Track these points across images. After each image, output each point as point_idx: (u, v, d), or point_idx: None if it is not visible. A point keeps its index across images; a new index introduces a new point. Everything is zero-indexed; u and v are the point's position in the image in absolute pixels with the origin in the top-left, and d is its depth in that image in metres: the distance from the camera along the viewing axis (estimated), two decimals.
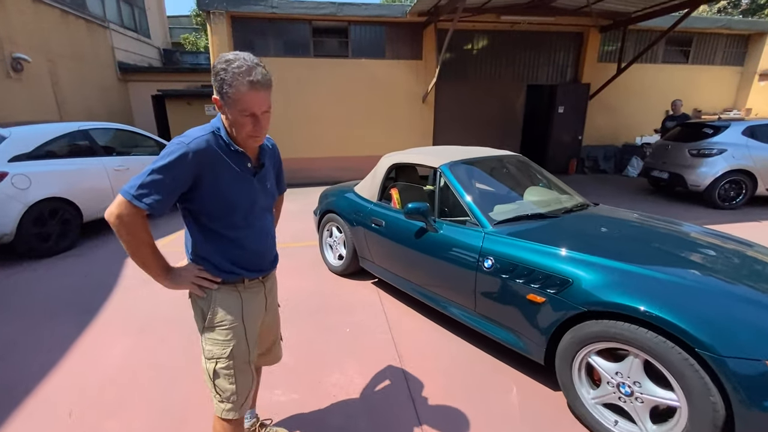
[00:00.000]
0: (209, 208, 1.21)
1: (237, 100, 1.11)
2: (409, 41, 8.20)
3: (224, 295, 1.29)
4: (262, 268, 1.39)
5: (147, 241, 1.17)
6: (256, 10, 7.37)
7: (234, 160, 1.22)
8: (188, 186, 1.15)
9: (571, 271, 1.88)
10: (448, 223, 2.54)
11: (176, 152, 1.10)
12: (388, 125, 8.55)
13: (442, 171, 2.69)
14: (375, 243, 3.12)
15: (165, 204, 1.13)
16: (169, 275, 1.23)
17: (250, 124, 1.16)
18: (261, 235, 1.35)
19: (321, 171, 8.51)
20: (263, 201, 1.34)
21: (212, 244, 1.26)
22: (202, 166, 1.14)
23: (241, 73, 1.08)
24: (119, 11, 10.43)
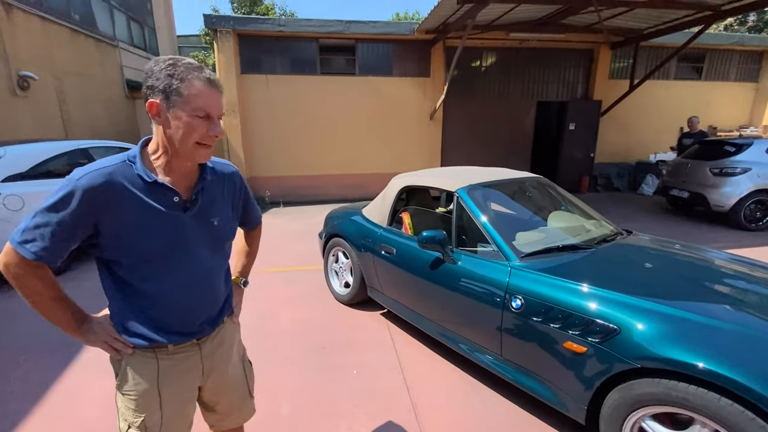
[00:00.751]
0: (116, 255, 0.98)
1: (190, 97, 0.94)
2: (417, 58, 8.12)
3: (137, 362, 1.07)
4: (193, 330, 1.11)
5: (44, 293, 0.99)
6: (264, 28, 7.34)
7: (151, 195, 0.98)
8: (87, 231, 0.94)
9: (619, 317, 1.60)
10: (468, 254, 2.28)
11: (62, 191, 0.91)
12: (395, 143, 8.39)
13: (460, 195, 2.45)
14: (385, 272, 2.86)
15: (55, 253, 0.93)
16: (81, 330, 1.04)
17: (204, 128, 0.97)
18: (193, 289, 1.08)
19: (326, 189, 8.33)
20: (202, 242, 1.08)
21: (125, 300, 1.03)
22: (98, 206, 0.92)
23: (194, 69, 0.96)
24: (129, 30, 10.54)
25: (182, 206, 1.03)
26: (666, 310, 1.59)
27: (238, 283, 1.42)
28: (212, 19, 7.06)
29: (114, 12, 9.83)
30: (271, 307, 3.37)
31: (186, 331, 1.10)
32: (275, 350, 2.70)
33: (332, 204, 8.09)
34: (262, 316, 3.21)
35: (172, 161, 1.01)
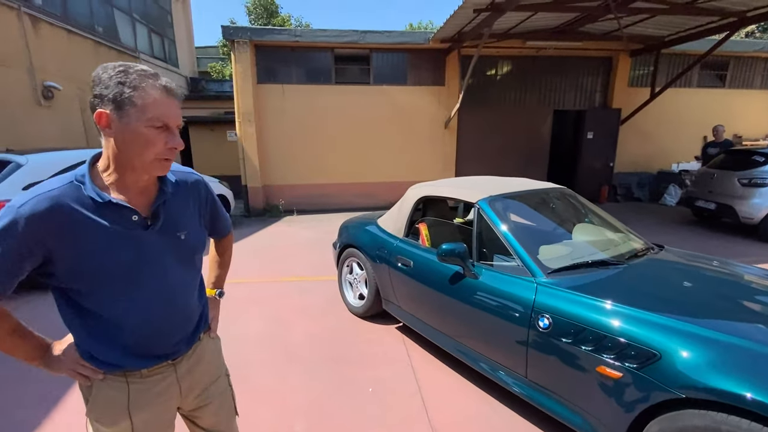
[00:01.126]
0: (74, 282, 0.89)
1: (145, 107, 0.86)
2: (432, 67, 8.09)
3: (106, 387, 0.98)
4: (168, 351, 1.03)
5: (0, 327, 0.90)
6: (280, 39, 7.43)
7: (106, 216, 0.88)
8: (36, 261, 0.85)
9: (660, 340, 1.48)
10: (490, 269, 2.18)
11: (2, 219, 0.81)
12: (409, 152, 8.35)
13: (481, 207, 2.36)
14: (401, 285, 2.77)
15: (2, 286, 0.83)
16: (43, 360, 0.96)
17: (163, 141, 0.89)
18: (162, 308, 0.99)
19: (339, 197, 8.31)
20: (169, 259, 0.99)
21: (89, 329, 0.94)
22: (45, 234, 0.83)
23: (149, 76, 0.87)
24: (150, 42, 10.84)
25: (143, 224, 0.94)
26: (711, 334, 1.46)
27: (213, 296, 1.33)
28: (230, 31, 7.18)
29: (136, 24, 10.12)
30: (284, 317, 3.31)
31: (159, 354, 1.02)
32: (289, 363, 2.63)
33: (345, 212, 8.09)
34: (276, 326, 3.15)
35: (126, 177, 0.92)
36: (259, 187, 7.84)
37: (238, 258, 5.07)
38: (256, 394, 2.28)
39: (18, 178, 3.74)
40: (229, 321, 3.16)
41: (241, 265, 4.75)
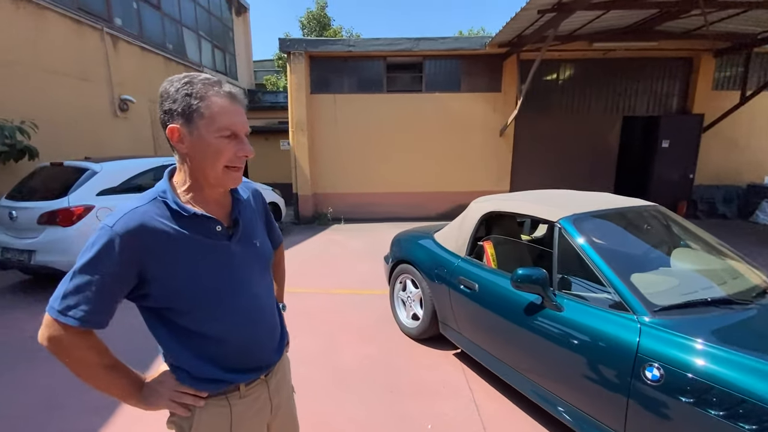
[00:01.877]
0: (171, 302, 0.87)
1: (213, 117, 0.85)
2: (488, 73, 7.76)
3: (209, 414, 0.95)
4: (262, 363, 1.04)
5: (95, 362, 0.87)
6: (334, 49, 7.51)
7: (192, 229, 0.88)
8: (131, 283, 0.83)
9: None
10: (576, 300, 1.87)
11: (99, 242, 0.80)
12: (461, 161, 8.04)
13: (564, 227, 2.05)
14: (463, 309, 2.51)
15: (100, 314, 0.82)
16: (140, 395, 0.92)
17: (232, 149, 0.87)
18: (255, 317, 1.00)
19: (388, 207, 8.17)
20: (253, 268, 1.00)
21: (187, 347, 0.92)
22: (140, 251, 0.82)
23: (213, 84, 0.87)
24: (213, 57, 11.53)
25: (226, 235, 0.94)
26: None
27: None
28: (286, 43, 7.38)
29: (201, 41, 10.81)
30: (334, 334, 3.17)
31: (255, 366, 1.02)
32: (339, 388, 2.46)
33: (393, 222, 7.93)
34: (326, 344, 3.01)
35: (204, 189, 0.92)
36: (309, 195, 7.92)
37: (291, 266, 5.09)
38: (304, 422, 2.12)
39: (93, 184, 3.98)
40: None
41: (290, 274, 4.70)
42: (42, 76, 5.81)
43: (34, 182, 4.24)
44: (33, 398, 2.35)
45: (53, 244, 3.74)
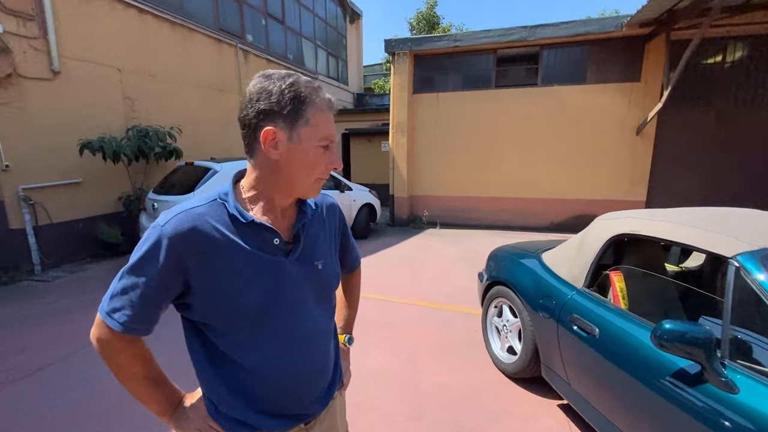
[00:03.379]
0: (209, 317, 0.78)
1: (317, 125, 0.77)
2: (623, 60, 6.50)
3: None
4: (301, 411, 0.88)
5: (136, 372, 0.81)
6: (439, 46, 7.20)
7: (247, 238, 0.78)
8: (178, 287, 0.75)
9: None
10: (761, 379, 1.22)
11: (147, 242, 0.74)
12: (584, 163, 6.92)
13: (746, 267, 1.39)
14: (575, 355, 1.96)
15: (143, 321, 0.76)
16: (173, 416, 0.85)
17: (326, 160, 0.81)
18: (300, 353, 0.85)
19: (490, 213, 7.52)
20: (308, 294, 0.86)
21: (219, 377, 0.82)
22: (187, 255, 0.74)
23: (316, 89, 0.78)
24: (327, 64, 12.33)
25: (284, 250, 0.83)
26: None
27: (342, 342, 1.13)
28: (392, 43, 7.34)
29: (317, 50, 11.62)
30: (416, 354, 2.88)
31: (292, 413, 0.87)
32: (415, 422, 2.16)
33: (495, 231, 7.26)
34: (405, 366, 2.73)
35: (274, 198, 0.82)
36: (405, 197, 7.78)
37: (377, 269, 5.00)
38: None
39: (213, 183, 4.44)
40: (359, 347, 2.91)
41: (377, 278, 4.59)
42: (188, 88, 6.86)
43: (173, 179, 4.96)
44: None
45: None
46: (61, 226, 5.05)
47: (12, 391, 2.43)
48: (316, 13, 11.37)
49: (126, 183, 5.74)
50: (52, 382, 2.53)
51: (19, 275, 4.62)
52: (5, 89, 4.36)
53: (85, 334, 0.91)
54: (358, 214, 6.52)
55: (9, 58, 4.28)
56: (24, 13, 4.46)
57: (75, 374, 2.60)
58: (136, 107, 5.93)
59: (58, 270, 4.95)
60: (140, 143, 5.32)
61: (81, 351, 2.88)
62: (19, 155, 4.53)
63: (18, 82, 4.46)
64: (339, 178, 6.40)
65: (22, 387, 2.48)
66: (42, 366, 2.71)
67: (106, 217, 5.58)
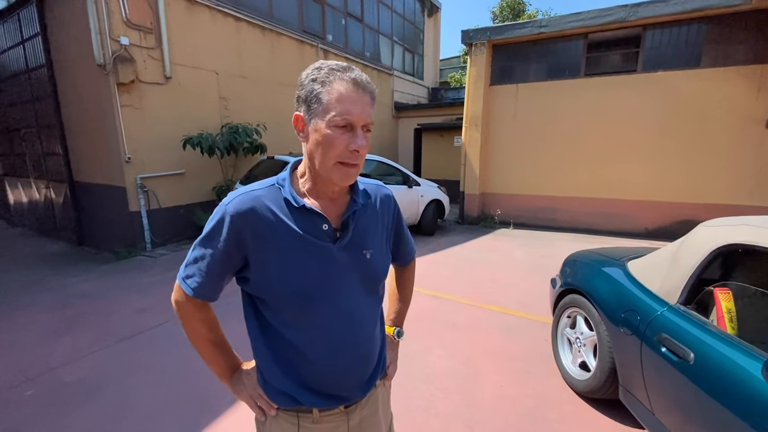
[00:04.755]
0: (262, 291, 0.85)
1: (329, 103, 0.77)
2: (751, 39, 5.41)
3: (279, 425, 0.91)
4: (342, 393, 0.91)
5: (203, 335, 0.93)
6: (521, 33, 6.75)
7: (298, 222, 0.83)
8: (239, 261, 0.84)
9: None
10: None
11: (213, 218, 0.83)
12: (692, 161, 5.95)
13: None
14: (661, 381, 1.69)
15: (211, 287, 0.86)
16: (232, 380, 0.96)
17: (345, 141, 0.78)
18: (343, 338, 0.88)
19: (571, 214, 6.89)
20: (354, 281, 0.88)
21: (269, 349, 0.89)
22: (245, 232, 0.81)
23: (339, 69, 0.79)
24: (403, 59, 12.35)
25: (332, 236, 0.87)
26: None
27: (392, 335, 1.16)
28: (469, 34, 7.07)
29: (394, 46, 11.71)
30: (477, 359, 2.75)
31: (334, 393, 0.90)
32: (470, 430, 2.06)
33: (577, 234, 6.63)
34: (464, 370, 2.62)
35: (318, 184, 0.86)
36: (476, 195, 7.47)
37: (440, 268, 4.88)
38: None
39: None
40: (420, 346, 2.90)
41: (441, 277, 4.48)
42: (274, 87, 7.41)
43: (257, 171, 5.42)
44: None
45: None
46: (167, 211, 5.85)
47: (128, 345, 2.90)
48: (394, 9, 11.44)
49: (219, 174, 6.43)
50: (156, 340, 2.98)
51: (135, 251, 5.47)
52: (130, 93, 5.16)
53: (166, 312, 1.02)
54: (426, 210, 6.44)
55: (133, 67, 5.05)
56: (144, 27, 5.22)
57: (175, 337, 3.01)
58: (229, 106, 6.59)
59: (164, 248, 5.75)
60: (231, 139, 5.91)
61: None
62: (137, 149, 5.34)
63: (138, 86, 5.24)
64: (407, 173, 6.38)
65: (137, 342, 2.95)
66: (152, 326, 3.20)
67: (202, 205, 6.32)
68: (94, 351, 2.83)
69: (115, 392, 2.34)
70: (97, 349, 2.86)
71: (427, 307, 3.65)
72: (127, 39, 5.00)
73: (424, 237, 6.46)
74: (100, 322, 3.33)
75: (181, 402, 2.24)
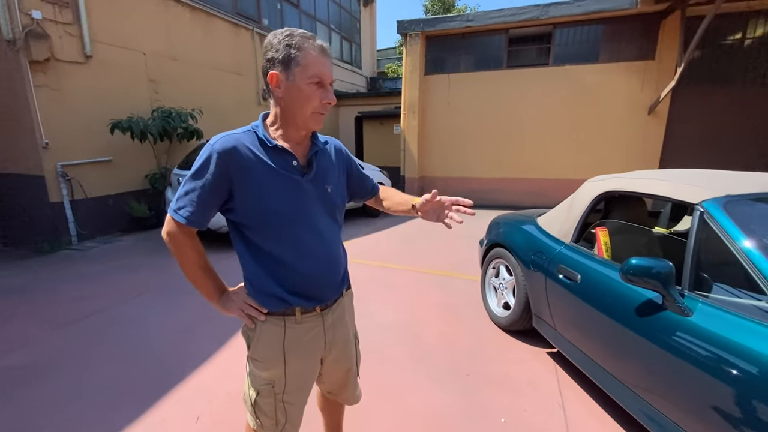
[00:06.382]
0: (246, 217, 1.03)
1: (307, 65, 0.97)
2: (638, 38, 6.44)
3: (268, 330, 1.11)
4: (319, 296, 1.13)
5: (194, 260, 1.08)
6: (451, 26, 7.26)
7: (273, 158, 1.02)
8: (225, 193, 1.01)
9: None
10: (711, 304, 1.41)
11: (201, 156, 0.99)
12: (596, 143, 6.94)
13: (709, 211, 1.56)
14: (560, 302, 2.16)
15: (201, 216, 1.02)
16: (220, 300, 1.12)
17: (319, 96, 1.00)
18: (316, 253, 1.09)
19: (503, 194, 7.64)
20: (319, 208, 1.10)
21: (256, 262, 1.07)
22: (230, 167, 0.98)
23: (309, 38, 1.00)
24: (341, 48, 12.43)
25: (300, 171, 1.06)
26: None
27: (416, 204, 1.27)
28: (404, 24, 7.43)
29: (331, 33, 11.73)
30: (419, 311, 3.12)
31: (311, 295, 1.11)
32: (415, 364, 2.41)
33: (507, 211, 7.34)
34: (409, 320, 2.98)
35: (288, 131, 1.06)
36: (416, 178, 7.95)
37: (385, 243, 5.23)
38: (374, 385, 2.15)
39: None
40: (364, 305, 3.19)
41: (386, 251, 4.83)
42: (208, 72, 7.14)
43: (195, 157, 5.26)
44: (177, 323, 2.96)
45: None
46: (94, 201, 5.46)
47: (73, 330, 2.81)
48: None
49: (152, 162, 6.10)
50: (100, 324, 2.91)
51: (59, 245, 5.05)
52: (45, 73, 4.71)
53: (121, 291, 1.17)
54: None
55: (48, 43, 4.61)
56: (59, 0, 4.78)
57: (120, 320, 2.96)
58: (160, 90, 6.25)
59: (93, 241, 5.38)
60: (164, 124, 5.64)
61: (131, 300, 3.25)
62: (56, 134, 4.90)
63: (55, 65, 4.80)
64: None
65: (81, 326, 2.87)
66: (94, 312, 3.10)
67: (134, 194, 5.98)
68: (40, 336, 2.72)
69: (69, 373, 2.31)
70: (42, 334, 2.75)
71: (375, 275, 3.96)
72: (40, 13, 4.55)
73: (370, 219, 6.77)
74: (39, 311, 3.15)
75: (138, 378, 2.29)
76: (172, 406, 2.01)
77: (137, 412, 1.96)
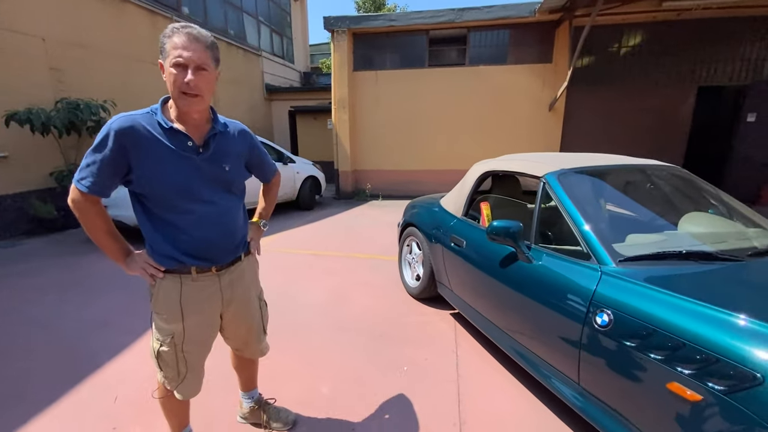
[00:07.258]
0: (144, 189, 1.16)
1: (170, 50, 1.10)
2: (538, 43, 7.30)
3: (167, 285, 1.25)
4: (213, 258, 1.29)
5: (99, 225, 1.20)
6: (376, 25, 7.58)
7: (169, 139, 1.15)
8: (123, 167, 1.13)
9: (764, 359, 1.04)
10: (550, 253, 1.84)
11: (102, 133, 1.10)
12: (507, 137, 7.73)
13: (548, 181, 2.00)
14: (452, 266, 2.56)
15: (102, 185, 1.13)
16: (126, 261, 1.24)
17: (181, 78, 1.09)
18: (210, 221, 1.24)
19: (429, 184, 8.15)
20: (213, 183, 1.24)
21: (155, 228, 1.21)
22: (127, 144, 1.10)
23: (180, 27, 1.11)
24: (271, 41, 12.20)
25: (195, 150, 1.19)
26: None
27: (258, 224, 1.59)
28: (331, 21, 7.60)
29: (261, 26, 11.47)
30: (348, 291, 3.38)
31: (204, 257, 1.26)
32: (338, 332, 2.67)
33: None
34: (339, 298, 3.23)
35: (180, 113, 1.19)
36: (349, 172, 8.21)
37: (317, 233, 5.44)
38: (298, 354, 2.37)
39: None
40: (301, 288, 3.41)
41: (319, 239, 5.04)
42: (120, 61, 6.69)
43: None
44: (93, 318, 2.90)
45: (120, 201, 4.39)
46: None
47: None
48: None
49: (57, 157, 5.62)
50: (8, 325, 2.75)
51: None
52: None
53: (30, 292, 1.27)
54: (302, 186, 6.85)
55: None
56: None
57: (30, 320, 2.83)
58: (64, 79, 5.76)
59: None
60: (71, 116, 5.24)
61: (41, 300, 3.08)
62: None
63: None
64: (282, 150, 6.66)
65: None
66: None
67: (38, 193, 5.47)
68: None
69: None
70: None
71: (307, 262, 4.15)
72: None
73: (303, 212, 6.88)
74: None
75: (50, 370, 2.27)
76: (89, 390, 2.05)
77: (51, 398, 1.97)
